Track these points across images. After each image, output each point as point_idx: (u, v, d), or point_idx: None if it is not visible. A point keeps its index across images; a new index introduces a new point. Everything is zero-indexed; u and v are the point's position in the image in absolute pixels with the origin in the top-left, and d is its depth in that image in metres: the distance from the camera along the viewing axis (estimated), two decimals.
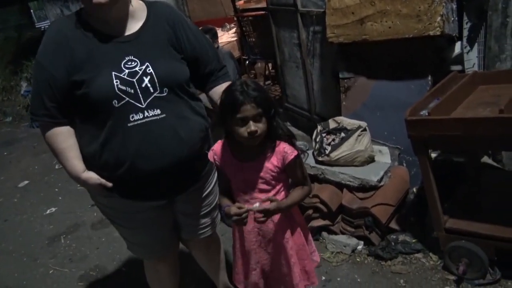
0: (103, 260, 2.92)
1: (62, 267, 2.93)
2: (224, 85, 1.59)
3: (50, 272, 2.90)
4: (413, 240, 2.42)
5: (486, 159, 2.66)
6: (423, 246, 2.39)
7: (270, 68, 6.06)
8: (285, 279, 1.66)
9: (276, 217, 1.57)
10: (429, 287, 2.15)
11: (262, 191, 1.54)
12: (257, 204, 1.45)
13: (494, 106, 1.94)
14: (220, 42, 5.36)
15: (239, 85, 1.43)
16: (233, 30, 7.02)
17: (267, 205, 1.47)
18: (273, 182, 1.54)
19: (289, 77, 4.15)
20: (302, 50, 3.61)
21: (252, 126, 1.40)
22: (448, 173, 2.44)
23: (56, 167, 4.75)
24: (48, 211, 3.82)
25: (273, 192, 1.55)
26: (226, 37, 6.98)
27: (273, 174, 1.52)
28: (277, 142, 1.51)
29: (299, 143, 1.58)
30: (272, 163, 1.51)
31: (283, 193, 1.58)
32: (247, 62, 6.38)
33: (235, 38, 6.73)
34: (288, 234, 1.60)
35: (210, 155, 1.59)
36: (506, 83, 2.22)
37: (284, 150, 1.50)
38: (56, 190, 4.26)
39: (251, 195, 1.54)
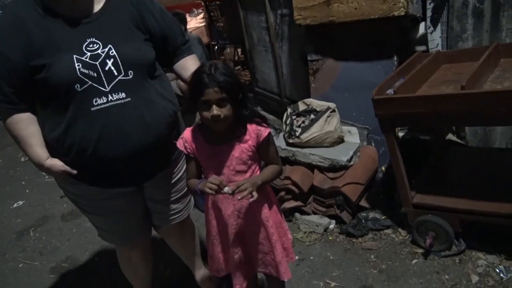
0: (75, 251, 2.87)
1: (32, 260, 2.86)
2: (189, 58, 1.70)
3: (20, 266, 2.83)
4: (383, 217, 2.49)
5: (450, 136, 2.75)
6: (392, 222, 2.46)
7: (240, 53, 6.03)
8: (266, 258, 1.67)
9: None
10: (398, 261, 2.22)
11: (238, 172, 1.53)
12: (227, 188, 1.42)
13: (456, 84, 2.00)
14: (188, 28, 5.26)
15: (207, 67, 1.41)
16: (201, 15, 6.93)
17: (242, 180, 1.46)
18: (249, 162, 1.54)
19: (258, 61, 4.14)
20: (270, 34, 3.60)
21: (215, 110, 1.39)
22: (414, 150, 2.51)
23: (22, 159, 4.61)
24: (15, 205, 3.72)
25: (249, 173, 1.55)
26: (194, 22, 6.88)
27: (249, 153, 1.52)
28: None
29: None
30: (247, 143, 1.51)
31: (258, 173, 1.58)
32: (216, 47, 6.32)
33: (203, 24, 6.64)
34: (267, 212, 1.61)
35: (180, 143, 1.56)
36: (468, 61, 2.29)
37: (258, 128, 1.51)
38: (23, 183, 4.14)
39: (228, 178, 1.53)
